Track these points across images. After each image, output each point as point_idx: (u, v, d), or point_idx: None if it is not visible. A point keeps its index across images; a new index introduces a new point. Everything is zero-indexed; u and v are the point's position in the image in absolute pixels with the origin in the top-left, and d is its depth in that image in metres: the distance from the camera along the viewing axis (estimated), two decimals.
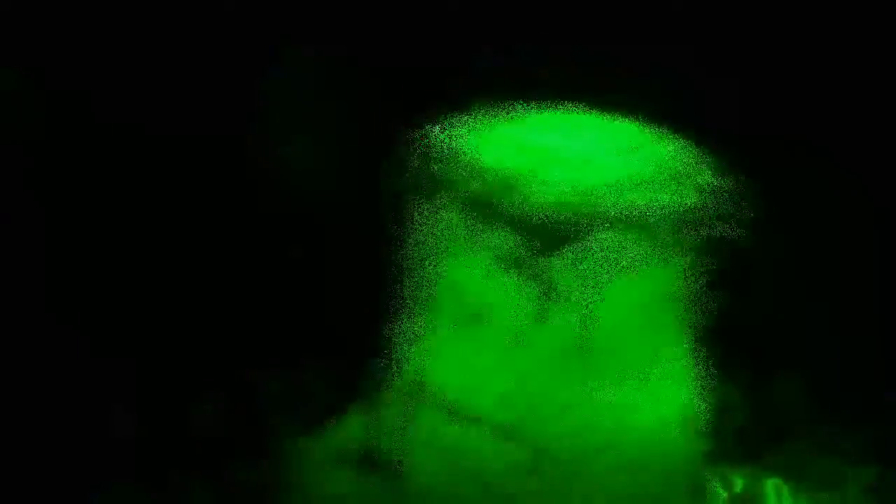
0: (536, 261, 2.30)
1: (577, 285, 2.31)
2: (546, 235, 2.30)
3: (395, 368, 2.44)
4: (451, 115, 2.53)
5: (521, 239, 2.31)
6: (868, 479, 2.89)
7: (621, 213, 2.30)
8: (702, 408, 2.47)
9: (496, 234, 2.34)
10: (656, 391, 2.38)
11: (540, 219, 2.28)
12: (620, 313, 2.35)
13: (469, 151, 2.42)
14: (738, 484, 2.79)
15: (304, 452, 2.54)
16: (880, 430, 2.98)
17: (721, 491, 2.73)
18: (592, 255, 2.29)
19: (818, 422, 2.99)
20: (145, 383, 3.11)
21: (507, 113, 2.50)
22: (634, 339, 2.37)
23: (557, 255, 2.30)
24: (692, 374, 2.49)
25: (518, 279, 2.33)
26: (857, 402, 3.02)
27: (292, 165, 3.26)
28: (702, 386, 2.51)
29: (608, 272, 2.31)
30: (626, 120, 2.51)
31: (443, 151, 2.44)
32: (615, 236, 2.30)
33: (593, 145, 2.44)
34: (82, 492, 2.91)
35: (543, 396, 2.32)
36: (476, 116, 2.50)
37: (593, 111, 2.52)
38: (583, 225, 2.29)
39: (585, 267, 2.30)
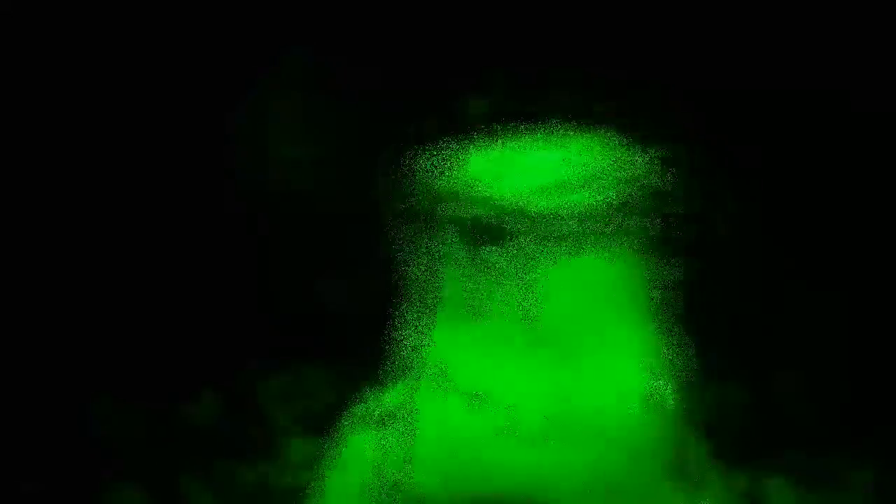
0: (485, 253, 2.68)
1: (518, 274, 2.67)
2: (490, 232, 2.66)
3: (401, 352, 2.75)
4: (433, 136, 2.79)
5: (473, 236, 2.69)
6: (868, 479, 2.89)
7: (554, 212, 2.67)
8: (668, 388, 2.68)
9: (455, 233, 2.71)
10: (612, 369, 2.67)
11: (484, 218, 2.66)
12: (570, 298, 2.67)
13: (428, 169, 2.82)
14: (739, 484, 2.79)
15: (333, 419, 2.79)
16: (881, 430, 2.98)
17: (720, 490, 2.75)
18: (526, 247, 2.66)
19: (818, 422, 2.99)
20: (146, 382, 3.11)
21: (483, 137, 2.79)
22: (584, 321, 2.68)
23: (499, 248, 2.66)
24: (656, 357, 2.71)
25: (473, 270, 2.69)
26: (858, 401, 3.02)
27: (290, 166, 3.26)
28: (668, 369, 2.71)
29: (541, 262, 2.66)
30: (589, 135, 2.79)
31: (417, 168, 2.74)
32: (548, 231, 2.66)
33: (544, 156, 2.82)
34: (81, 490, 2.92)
35: (512, 370, 2.66)
36: (450, 140, 2.79)
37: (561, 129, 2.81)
38: (520, 222, 2.65)
39: (521, 258, 2.66)
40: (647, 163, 2.80)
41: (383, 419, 2.70)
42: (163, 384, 3.10)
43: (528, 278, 2.67)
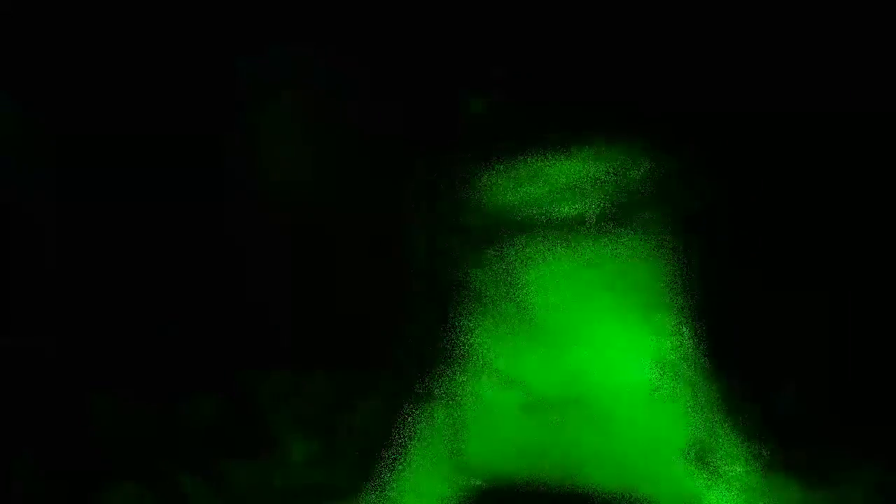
0: (489, 255, 2.82)
1: (523, 274, 2.80)
2: (495, 235, 2.80)
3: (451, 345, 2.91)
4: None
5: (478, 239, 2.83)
6: (869, 479, 2.90)
7: (557, 214, 2.80)
8: (666, 378, 2.78)
9: (461, 236, 2.86)
10: (611, 360, 2.81)
11: (488, 222, 2.82)
12: (578, 298, 2.80)
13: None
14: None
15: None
16: (882, 430, 2.98)
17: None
18: (528, 249, 2.80)
19: (820, 421, 3.00)
20: (146, 382, 3.11)
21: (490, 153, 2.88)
22: (591, 319, 2.81)
23: (503, 250, 2.80)
24: (655, 350, 2.81)
25: (481, 271, 2.84)
26: (860, 401, 3.03)
27: (296, 168, 3.27)
28: (668, 362, 2.80)
29: (543, 263, 2.80)
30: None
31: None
32: (553, 233, 2.79)
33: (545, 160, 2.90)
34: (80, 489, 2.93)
35: (529, 357, 2.82)
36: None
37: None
38: (522, 225, 2.79)
39: (523, 259, 2.80)
40: (647, 166, 2.84)
41: (433, 401, 2.85)
42: (163, 384, 3.11)
43: (531, 279, 2.74)
